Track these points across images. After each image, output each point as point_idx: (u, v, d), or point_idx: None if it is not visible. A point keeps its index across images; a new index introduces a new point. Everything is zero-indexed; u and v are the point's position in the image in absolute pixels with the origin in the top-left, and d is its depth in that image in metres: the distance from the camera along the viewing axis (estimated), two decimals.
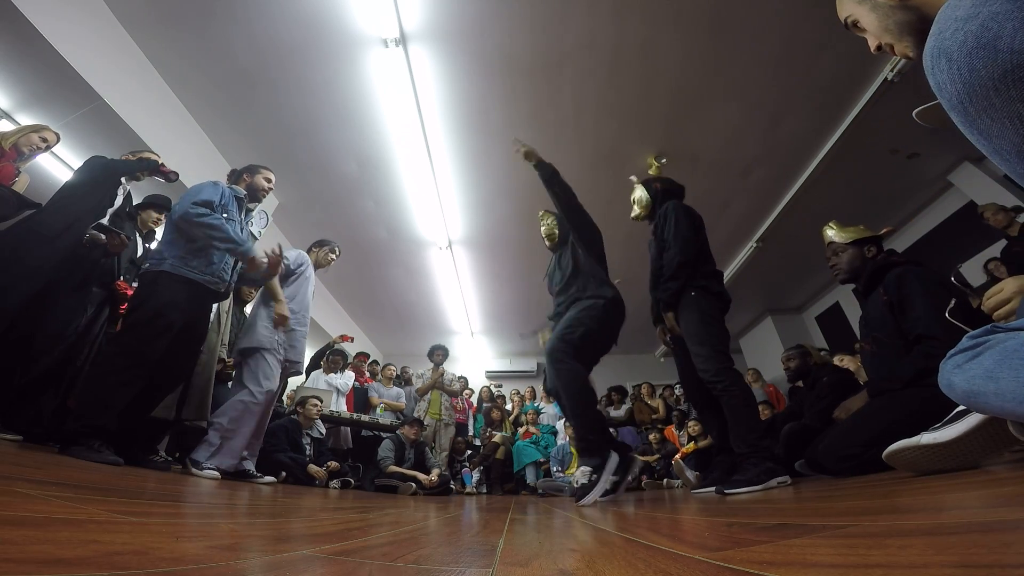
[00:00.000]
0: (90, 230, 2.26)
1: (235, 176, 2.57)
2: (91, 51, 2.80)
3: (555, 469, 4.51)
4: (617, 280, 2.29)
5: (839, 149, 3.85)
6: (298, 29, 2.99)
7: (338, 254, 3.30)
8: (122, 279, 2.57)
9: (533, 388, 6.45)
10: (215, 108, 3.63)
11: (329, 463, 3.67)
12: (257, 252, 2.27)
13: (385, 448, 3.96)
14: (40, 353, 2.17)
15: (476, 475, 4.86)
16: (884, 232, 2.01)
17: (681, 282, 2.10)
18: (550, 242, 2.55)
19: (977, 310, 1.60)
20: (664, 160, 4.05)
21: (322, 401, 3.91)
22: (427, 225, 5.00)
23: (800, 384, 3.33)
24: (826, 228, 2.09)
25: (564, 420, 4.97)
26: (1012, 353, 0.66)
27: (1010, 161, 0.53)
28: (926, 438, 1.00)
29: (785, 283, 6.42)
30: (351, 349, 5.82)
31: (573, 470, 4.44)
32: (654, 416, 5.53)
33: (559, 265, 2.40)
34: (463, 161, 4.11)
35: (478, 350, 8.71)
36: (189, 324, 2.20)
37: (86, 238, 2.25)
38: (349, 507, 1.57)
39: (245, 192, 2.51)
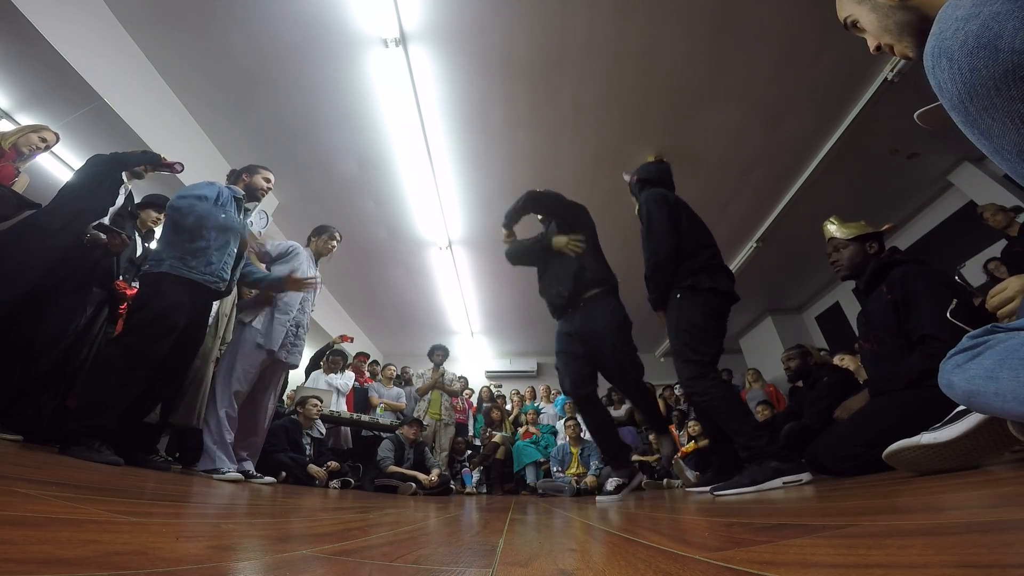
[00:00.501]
0: (90, 229, 2.25)
1: (234, 176, 2.57)
2: (91, 51, 2.80)
3: (555, 469, 4.50)
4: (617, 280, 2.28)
5: (839, 149, 3.85)
6: (298, 29, 2.98)
7: (339, 239, 3.16)
8: (121, 279, 2.56)
9: (533, 388, 6.44)
10: (215, 108, 3.63)
11: (329, 463, 3.67)
12: (289, 280, 2.57)
13: (385, 448, 3.96)
14: (40, 353, 2.17)
15: (476, 475, 4.86)
16: (886, 228, 1.99)
17: (658, 289, 2.03)
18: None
19: (979, 310, 1.60)
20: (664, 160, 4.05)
21: (322, 401, 3.91)
22: (427, 225, 5.00)
23: (800, 384, 3.33)
24: (827, 223, 2.05)
25: (564, 420, 4.97)
26: (1012, 353, 0.66)
27: (1011, 161, 0.53)
28: (926, 438, 1.00)
29: (785, 283, 6.42)
30: (351, 349, 5.82)
31: (573, 470, 4.44)
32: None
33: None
34: (463, 161, 4.11)
35: (478, 350, 8.71)
36: (190, 326, 2.20)
37: (87, 238, 2.24)
38: (349, 507, 1.57)
39: (243, 192, 2.51)
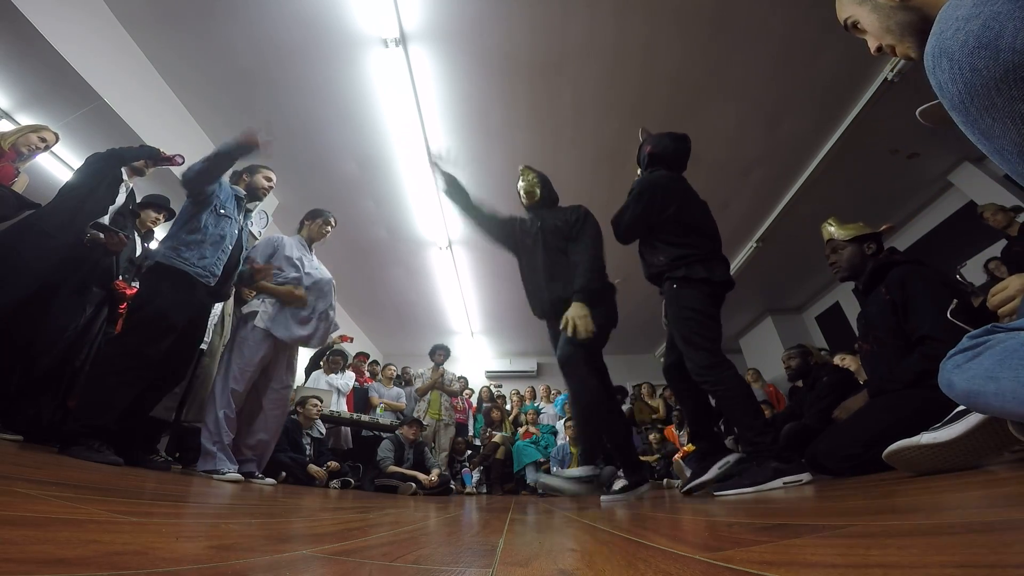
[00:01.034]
0: (89, 229, 2.25)
1: (235, 177, 2.57)
2: (91, 51, 2.80)
3: (555, 469, 4.51)
4: (617, 280, 2.27)
5: (839, 149, 3.85)
6: (298, 29, 2.98)
7: (334, 225, 3.02)
8: (121, 279, 2.56)
9: (533, 388, 6.44)
10: (215, 108, 3.62)
11: (329, 463, 3.67)
12: (239, 137, 2.20)
13: (384, 448, 3.96)
14: (40, 353, 2.17)
15: (476, 475, 4.86)
16: (884, 229, 2.00)
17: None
18: (529, 200, 2.41)
19: (979, 309, 1.60)
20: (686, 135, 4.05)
21: (322, 401, 3.91)
22: (427, 225, 5.00)
23: (800, 384, 3.34)
24: (826, 224, 2.06)
25: (564, 420, 4.97)
26: (1012, 353, 0.66)
27: (1011, 161, 0.53)
28: (926, 438, 1.00)
29: (785, 283, 6.42)
30: (351, 349, 5.82)
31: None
32: (654, 416, 5.54)
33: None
34: (463, 161, 4.11)
35: (478, 350, 8.71)
36: (189, 325, 2.20)
37: (87, 237, 2.24)
38: (349, 507, 1.57)
39: (245, 192, 2.51)
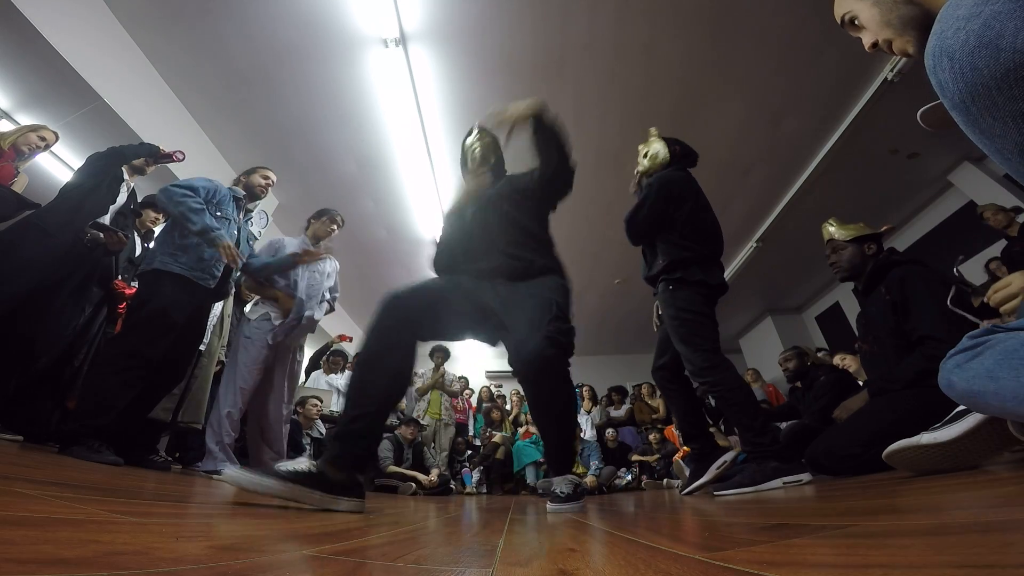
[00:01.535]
0: (89, 228, 2.25)
1: (234, 181, 2.58)
2: (91, 51, 2.79)
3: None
4: (617, 280, 2.27)
5: (839, 149, 3.85)
6: (298, 29, 2.98)
7: (341, 224, 2.92)
8: (120, 278, 2.56)
9: None
10: (216, 108, 3.62)
11: None
12: (225, 239, 2.13)
13: (384, 448, 3.96)
14: (40, 353, 2.17)
15: (476, 475, 4.85)
16: (884, 229, 2.00)
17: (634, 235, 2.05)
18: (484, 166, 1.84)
19: (978, 310, 1.60)
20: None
21: (322, 401, 3.92)
22: (427, 225, 5.00)
23: (799, 385, 3.34)
24: (826, 224, 2.06)
25: None
26: (1012, 353, 0.66)
27: (1012, 160, 0.53)
28: (926, 438, 1.00)
29: (785, 283, 6.42)
30: (351, 349, 5.81)
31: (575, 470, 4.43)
32: (654, 416, 5.53)
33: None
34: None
35: (478, 350, 8.70)
36: (189, 324, 2.20)
37: (87, 237, 2.24)
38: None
39: (244, 193, 2.51)
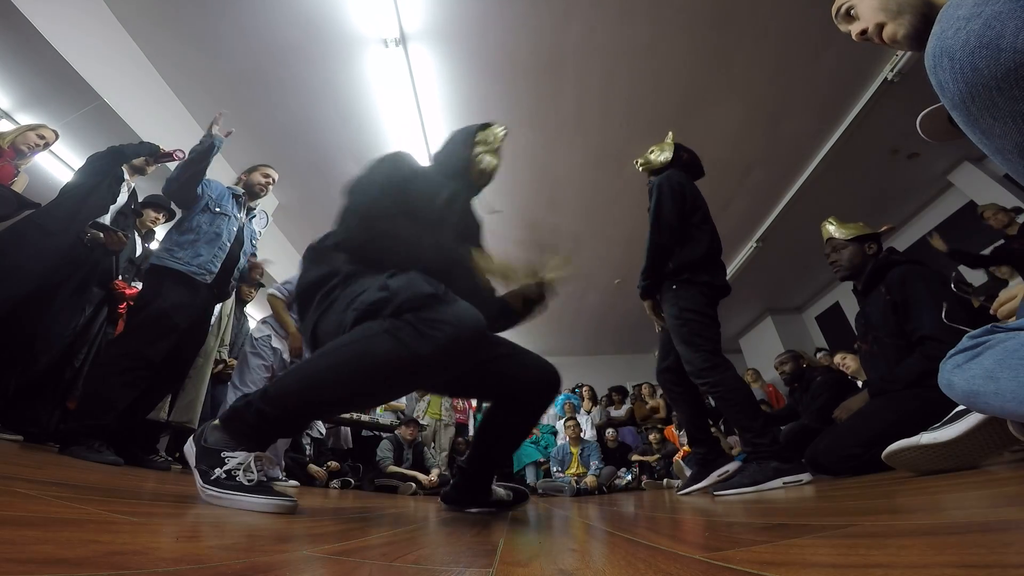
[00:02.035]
0: (89, 228, 2.25)
1: (235, 180, 2.59)
2: (91, 51, 2.79)
3: (555, 469, 4.50)
4: (617, 280, 2.27)
5: (839, 149, 3.85)
6: (299, 29, 2.98)
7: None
8: (120, 279, 2.56)
9: None
10: (216, 108, 3.61)
11: (329, 463, 3.67)
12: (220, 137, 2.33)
13: (383, 448, 3.96)
14: (40, 353, 2.17)
15: None
16: (884, 229, 2.00)
17: (655, 273, 1.97)
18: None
19: (978, 311, 1.60)
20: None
21: None
22: None
23: (796, 386, 3.36)
24: (826, 224, 2.05)
25: (564, 420, 4.97)
26: (1012, 353, 0.66)
27: (1012, 160, 0.53)
28: (926, 438, 1.00)
29: (785, 283, 6.42)
30: None
31: (573, 470, 4.44)
32: (654, 416, 5.53)
33: None
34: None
35: None
36: (191, 326, 2.20)
37: (87, 237, 2.24)
38: (349, 507, 1.57)
39: (244, 191, 2.51)
